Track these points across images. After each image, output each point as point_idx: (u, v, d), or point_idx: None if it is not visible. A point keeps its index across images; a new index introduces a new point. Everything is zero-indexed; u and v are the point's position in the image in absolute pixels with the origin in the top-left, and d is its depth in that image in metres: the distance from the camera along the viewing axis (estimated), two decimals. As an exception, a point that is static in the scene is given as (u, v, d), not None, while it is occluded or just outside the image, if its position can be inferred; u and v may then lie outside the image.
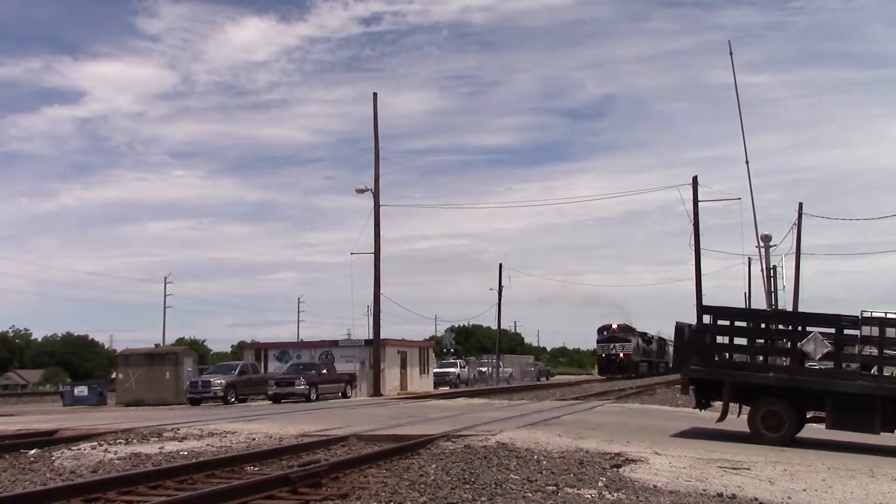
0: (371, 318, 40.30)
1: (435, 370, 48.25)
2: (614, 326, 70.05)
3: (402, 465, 9.35)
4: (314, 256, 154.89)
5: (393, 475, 8.63)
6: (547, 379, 67.99)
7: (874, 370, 13.02)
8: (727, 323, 13.96)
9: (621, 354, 67.33)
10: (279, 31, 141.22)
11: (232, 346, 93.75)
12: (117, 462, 10.23)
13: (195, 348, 60.96)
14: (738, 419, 13.63)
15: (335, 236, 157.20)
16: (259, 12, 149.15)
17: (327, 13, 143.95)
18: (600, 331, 70.78)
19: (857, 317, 12.86)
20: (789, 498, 7.90)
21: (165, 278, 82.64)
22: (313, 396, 30.46)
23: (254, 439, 12.46)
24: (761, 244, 23.71)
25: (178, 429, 13.93)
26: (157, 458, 10.41)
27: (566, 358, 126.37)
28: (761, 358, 13.94)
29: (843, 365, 13.24)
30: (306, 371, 32.15)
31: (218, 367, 36.08)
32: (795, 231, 38.34)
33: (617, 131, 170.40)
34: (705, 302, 37.33)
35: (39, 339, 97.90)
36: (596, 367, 74.50)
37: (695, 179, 36.45)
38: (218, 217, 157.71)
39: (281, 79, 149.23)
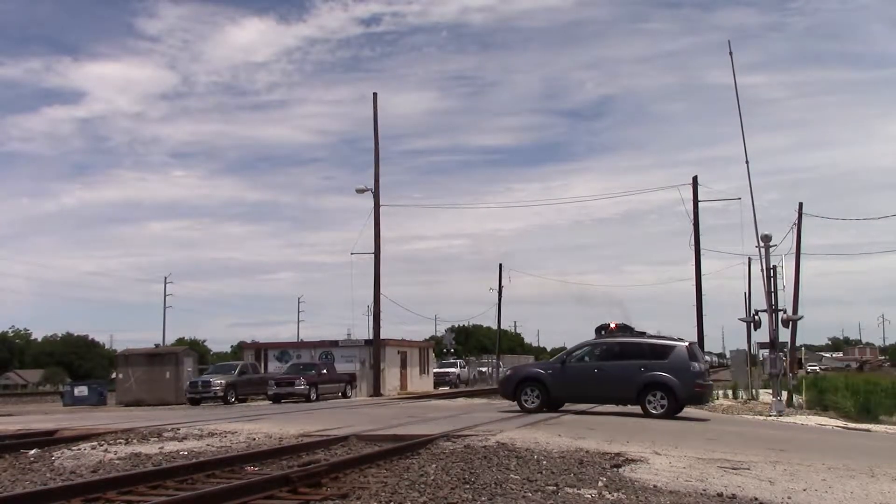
0: (371, 318, 40.33)
1: (435, 370, 48.26)
2: (612, 326, 69.75)
3: (402, 465, 9.34)
4: (314, 256, 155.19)
5: (393, 475, 8.62)
6: (547, 379, 67.91)
7: None
8: None
9: None
10: (279, 31, 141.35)
11: (232, 346, 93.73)
12: (117, 462, 10.22)
13: (195, 348, 60.94)
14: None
15: (335, 236, 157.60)
16: (259, 13, 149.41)
17: (327, 14, 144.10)
18: (598, 330, 70.05)
19: None
20: (789, 498, 7.90)
21: (165, 278, 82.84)
22: (313, 396, 30.46)
23: (254, 439, 12.45)
24: (761, 244, 23.65)
25: (178, 429, 13.92)
26: (157, 458, 10.40)
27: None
28: None
29: None
30: (306, 371, 32.15)
31: (218, 367, 36.07)
32: (795, 231, 38.40)
33: (616, 131, 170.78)
34: (705, 302, 37.54)
35: (39, 339, 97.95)
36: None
37: (695, 179, 36.47)
38: (218, 217, 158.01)
39: (281, 79, 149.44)
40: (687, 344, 19.33)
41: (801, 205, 39.11)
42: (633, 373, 18.50)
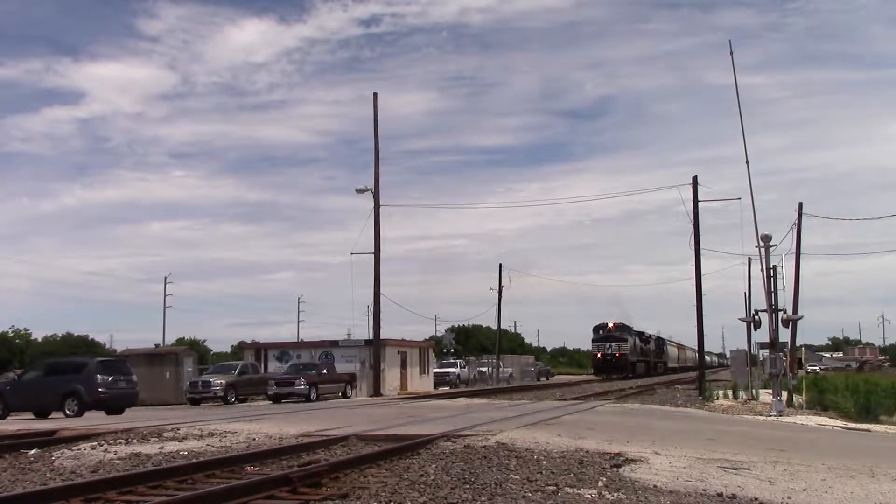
0: (371, 318, 40.33)
1: (435, 370, 48.24)
2: (610, 325, 69.29)
3: (402, 465, 9.34)
4: (314, 256, 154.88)
5: (393, 475, 8.63)
6: (547, 379, 67.95)
7: None
8: None
9: (617, 354, 66.77)
10: (279, 32, 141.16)
11: (232, 346, 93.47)
12: (117, 462, 10.24)
13: (195, 348, 60.85)
14: None
15: (335, 236, 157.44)
16: (258, 13, 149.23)
17: (326, 14, 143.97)
18: (596, 329, 70.05)
19: None
20: (789, 498, 7.90)
21: (165, 278, 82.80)
22: (313, 396, 30.47)
23: (254, 439, 12.46)
24: (761, 244, 23.63)
25: (178, 429, 13.93)
26: (157, 458, 10.41)
27: (566, 358, 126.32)
28: None
29: None
30: (306, 371, 32.16)
31: (218, 367, 36.07)
32: (795, 231, 38.36)
33: (616, 132, 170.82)
34: (705, 302, 37.53)
35: (39, 339, 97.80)
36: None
37: (695, 179, 36.45)
38: (218, 217, 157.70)
39: (280, 80, 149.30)
40: (98, 361, 24.72)
41: (800, 205, 39.06)
42: (59, 384, 23.51)
